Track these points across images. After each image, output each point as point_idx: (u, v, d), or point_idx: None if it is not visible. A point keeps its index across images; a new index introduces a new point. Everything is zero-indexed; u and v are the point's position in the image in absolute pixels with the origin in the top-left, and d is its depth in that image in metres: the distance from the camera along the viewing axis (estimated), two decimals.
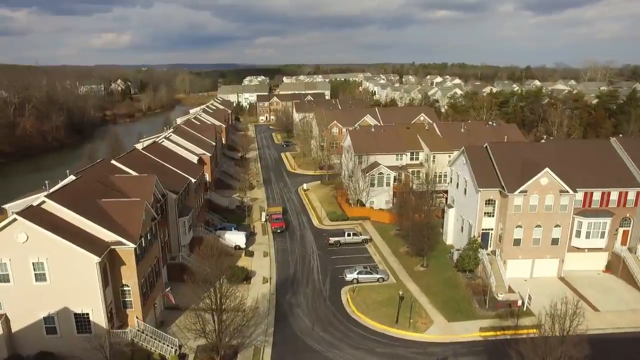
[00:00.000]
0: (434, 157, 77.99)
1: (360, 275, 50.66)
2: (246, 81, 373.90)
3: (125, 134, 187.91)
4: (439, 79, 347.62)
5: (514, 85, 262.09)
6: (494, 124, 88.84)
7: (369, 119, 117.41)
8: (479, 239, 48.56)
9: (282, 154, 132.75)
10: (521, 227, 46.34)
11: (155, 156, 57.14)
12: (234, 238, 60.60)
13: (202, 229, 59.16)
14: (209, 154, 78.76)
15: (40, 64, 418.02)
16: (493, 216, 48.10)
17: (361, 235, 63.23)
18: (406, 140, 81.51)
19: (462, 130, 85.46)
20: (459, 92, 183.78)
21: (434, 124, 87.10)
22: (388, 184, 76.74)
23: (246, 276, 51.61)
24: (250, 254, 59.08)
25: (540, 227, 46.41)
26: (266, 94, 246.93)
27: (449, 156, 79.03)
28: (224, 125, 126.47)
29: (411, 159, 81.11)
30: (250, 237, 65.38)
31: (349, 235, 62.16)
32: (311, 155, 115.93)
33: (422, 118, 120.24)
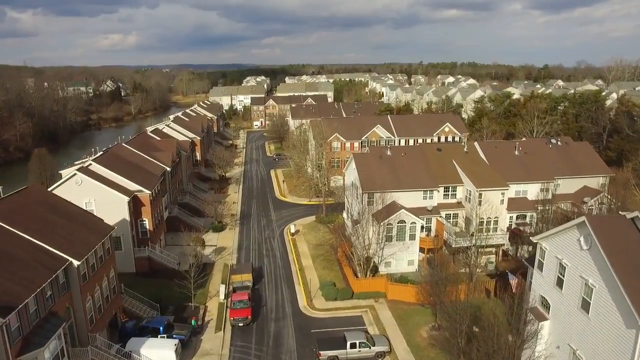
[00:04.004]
0: (480, 195, 52.39)
1: None
2: (245, 82, 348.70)
3: (100, 142, 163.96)
4: (451, 79, 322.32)
5: (538, 86, 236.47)
6: (558, 142, 63.13)
7: (379, 131, 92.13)
8: None
9: (272, 172, 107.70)
10: None
11: (13, 217, 31.98)
12: (157, 355, 35.32)
13: (98, 344, 33.87)
14: (149, 191, 53.58)
15: (44, 65, 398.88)
16: None
17: (375, 344, 37.48)
18: (438, 169, 55.97)
19: (517, 152, 59.85)
20: (481, 93, 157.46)
21: (476, 144, 61.35)
22: (413, 237, 51.27)
23: None
24: None
25: None
26: (262, 96, 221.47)
27: (502, 194, 53.61)
28: (199, 138, 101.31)
29: (445, 196, 55.63)
30: (192, 339, 40.11)
31: (353, 346, 36.56)
32: (306, 176, 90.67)
33: (447, 129, 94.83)
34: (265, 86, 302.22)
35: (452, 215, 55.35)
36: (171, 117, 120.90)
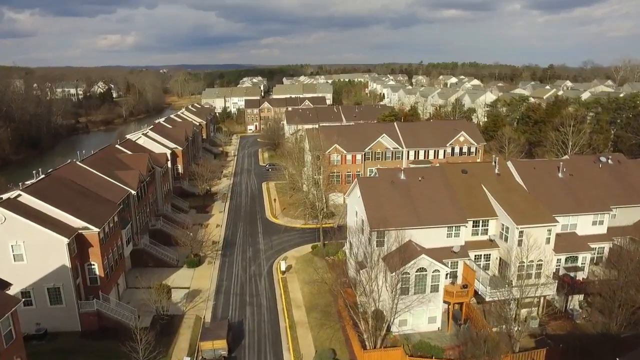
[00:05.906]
0: (520, 232, 40.89)
1: None
2: (241, 83, 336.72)
3: (87, 147, 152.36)
4: (453, 80, 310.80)
5: (548, 87, 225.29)
6: (609, 161, 51.68)
7: (385, 141, 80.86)
8: None
9: (264, 185, 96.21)
10: None
11: None
12: None
13: None
14: (97, 228, 41.95)
15: (41, 66, 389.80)
16: None
17: None
18: (465, 198, 44.44)
19: (560, 174, 48.35)
20: (492, 96, 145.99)
21: (509, 163, 49.77)
22: (435, 289, 39.79)
23: None
24: None
25: None
26: (257, 98, 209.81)
27: (549, 231, 42.07)
28: (181, 148, 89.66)
29: (474, 232, 44.12)
30: None
31: None
32: (301, 194, 79.03)
33: (462, 138, 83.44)
34: (261, 87, 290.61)
35: (482, 256, 43.93)
36: (156, 121, 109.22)
